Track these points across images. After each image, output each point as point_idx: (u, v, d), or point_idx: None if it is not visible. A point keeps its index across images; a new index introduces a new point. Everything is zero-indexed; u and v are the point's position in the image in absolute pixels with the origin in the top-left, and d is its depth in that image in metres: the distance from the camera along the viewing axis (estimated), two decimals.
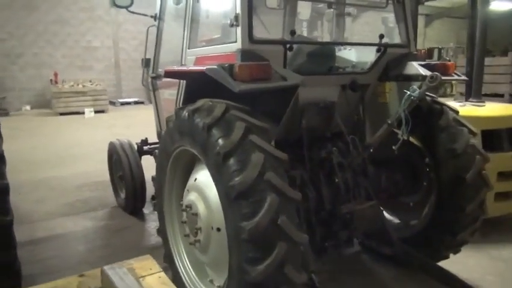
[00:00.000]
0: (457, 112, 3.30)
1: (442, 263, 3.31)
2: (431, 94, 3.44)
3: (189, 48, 3.19)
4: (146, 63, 4.19)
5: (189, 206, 2.64)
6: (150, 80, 4.20)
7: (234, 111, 2.33)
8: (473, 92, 4.90)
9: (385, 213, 3.76)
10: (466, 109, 4.50)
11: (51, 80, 15.32)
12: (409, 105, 2.71)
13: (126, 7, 3.68)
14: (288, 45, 2.63)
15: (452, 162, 3.06)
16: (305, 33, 4.06)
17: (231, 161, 2.13)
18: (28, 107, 15.59)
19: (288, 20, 4.22)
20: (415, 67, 3.10)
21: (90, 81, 15.35)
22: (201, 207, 2.55)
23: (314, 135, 3.06)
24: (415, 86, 2.72)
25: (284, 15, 4.27)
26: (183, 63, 3.23)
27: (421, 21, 23.34)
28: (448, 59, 19.44)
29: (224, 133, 2.21)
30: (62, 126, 12.04)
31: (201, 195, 2.57)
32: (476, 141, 3.12)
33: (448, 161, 3.08)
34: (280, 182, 2.10)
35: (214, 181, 2.28)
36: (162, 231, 3.12)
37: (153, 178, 3.21)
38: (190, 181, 2.74)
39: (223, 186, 2.15)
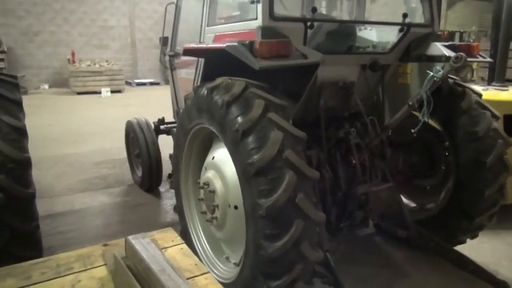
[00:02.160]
0: (480, 95, 3.22)
1: (458, 248, 3.29)
2: (453, 76, 3.36)
3: (208, 26, 3.17)
4: (164, 41, 4.17)
5: (207, 184, 2.66)
6: (167, 58, 4.19)
7: (253, 89, 2.32)
8: (496, 75, 4.76)
9: (402, 196, 3.74)
10: (488, 93, 4.39)
11: (68, 59, 15.43)
12: (431, 86, 2.65)
13: None
14: (308, 23, 2.58)
15: (473, 145, 3.00)
16: (325, 11, 3.97)
17: (250, 138, 2.13)
18: (46, 86, 15.79)
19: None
20: (439, 47, 3.02)
21: (107, 61, 15.42)
22: (218, 185, 2.57)
23: (332, 114, 3.04)
24: (438, 66, 2.65)
25: None
26: (201, 40, 3.21)
27: (442, 4, 22.67)
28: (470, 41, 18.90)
29: (243, 110, 2.21)
30: (79, 105, 12.18)
31: (219, 173, 2.59)
32: (497, 124, 3.05)
33: (469, 144, 3.03)
34: (298, 160, 2.10)
35: (232, 159, 2.29)
36: (178, 208, 3.17)
37: (170, 156, 3.24)
38: (208, 159, 2.75)
39: (242, 164, 2.16)
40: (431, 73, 2.62)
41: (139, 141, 4.80)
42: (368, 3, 3.83)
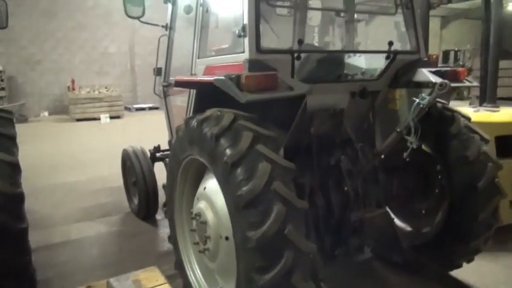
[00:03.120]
0: (469, 119, 3.26)
1: (455, 271, 3.27)
2: (442, 101, 3.41)
3: (198, 58, 3.24)
4: (158, 71, 4.26)
5: (199, 214, 2.67)
6: (161, 88, 4.27)
7: (241, 121, 2.35)
8: (488, 96, 4.82)
9: (397, 221, 3.74)
10: (480, 114, 4.44)
11: (68, 86, 15.64)
12: (418, 113, 2.69)
13: (139, 18, 3.75)
14: (295, 55, 2.64)
15: (464, 169, 3.02)
16: (315, 40, 4.07)
17: (239, 170, 2.15)
18: (46, 113, 15.95)
19: (298, 27, 4.24)
20: (425, 74, 3.08)
21: (106, 88, 15.61)
22: (209, 216, 2.58)
23: (323, 142, 3.07)
24: (423, 94, 2.70)
25: (294, 23, 4.29)
26: (193, 72, 3.28)
27: (436, 23, 23.03)
28: (461, 63, 19.09)
29: (231, 142, 2.24)
30: (78, 132, 12.27)
31: (210, 203, 2.60)
32: (488, 148, 3.07)
33: (460, 168, 3.05)
34: (287, 192, 2.12)
35: (222, 190, 2.31)
36: (173, 239, 3.16)
37: (163, 186, 3.26)
38: (200, 189, 2.77)
39: (231, 196, 2.17)
40: (417, 100, 2.67)
41: (135, 169, 4.83)
42: (359, 29, 3.92)
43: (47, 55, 15.98)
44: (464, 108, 4.91)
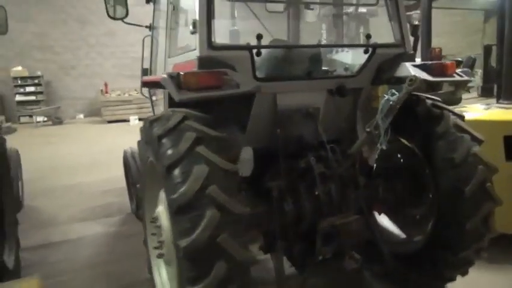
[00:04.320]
0: (461, 117, 2.97)
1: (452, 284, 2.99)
2: (433, 97, 3.14)
3: (169, 57, 3.17)
4: (144, 72, 4.24)
5: (156, 218, 2.59)
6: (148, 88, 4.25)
7: (189, 121, 2.25)
8: (503, 92, 4.41)
9: (390, 227, 3.49)
10: (490, 112, 4.06)
11: (101, 90, 16.21)
12: (388, 111, 2.46)
13: (122, 19, 3.74)
14: (254, 51, 2.51)
15: (451, 173, 2.75)
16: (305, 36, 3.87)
17: (175, 173, 2.05)
18: (81, 115, 16.65)
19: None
20: (407, 68, 2.83)
21: (136, 90, 16.01)
22: (164, 220, 2.50)
23: (294, 143, 2.90)
24: (393, 90, 2.47)
25: (288, 19, 4.14)
26: (165, 71, 3.22)
27: (480, 16, 21.78)
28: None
29: (172, 144, 2.14)
30: (107, 132, 12.68)
31: (165, 207, 2.52)
32: (479, 149, 2.77)
33: (446, 171, 2.77)
34: (223, 197, 1.98)
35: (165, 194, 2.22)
36: (144, 241, 3.11)
37: (136, 187, 3.22)
38: (160, 193, 2.69)
39: (167, 200, 2.07)
40: (386, 97, 2.44)
41: (132, 170, 4.85)
42: (340, 24, 3.69)
43: (81, 60, 16.68)
44: (475, 106, 4.53)
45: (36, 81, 16.09)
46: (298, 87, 2.83)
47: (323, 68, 3.11)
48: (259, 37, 2.51)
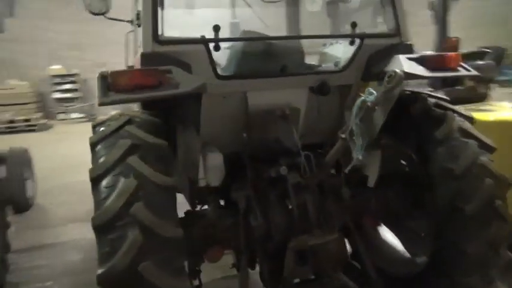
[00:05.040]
0: (469, 119, 2.49)
1: None
2: (438, 95, 2.68)
3: (136, 53, 2.92)
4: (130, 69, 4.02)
5: None
6: None
7: (130, 127, 1.98)
8: None
9: (393, 244, 3.06)
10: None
11: None
12: (365, 113, 2.05)
13: (103, 13, 3.52)
14: (211, 44, 2.18)
15: (451, 185, 2.29)
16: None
17: (100, 186, 1.78)
18: (113, 112, 16.95)
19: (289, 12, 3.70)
20: (400, 62, 2.39)
21: None
22: None
23: (267, 149, 2.56)
24: (371, 88, 2.05)
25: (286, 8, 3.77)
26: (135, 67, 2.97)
27: None
28: None
29: (105, 152, 1.88)
30: None
31: None
32: (487, 159, 2.28)
33: (446, 183, 2.31)
34: (149, 217, 1.69)
35: None
36: None
37: None
38: None
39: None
40: (362, 97, 2.03)
41: None
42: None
43: (111, 58, 16.97)
44: (503, 104, 3.94)
45: (73, 79, 16.56)
46: (270, 85, 2.48)
47: (305, 63, 2.72)
48: (216, 28, 2.19)
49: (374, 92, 2.01)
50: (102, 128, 2.05)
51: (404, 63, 2.36)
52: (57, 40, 16.28)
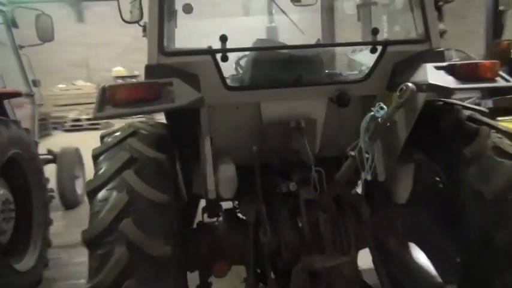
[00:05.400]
0: (509, 135, 2.20)
1: None
2: (474, 106, 2.41)
3: None
4: None
5: None
6: None
7: (132, 139, 1.99)
8: None
9: (427, 268, 2.81)
10: None
11: None
12: (375, 131, 1.87)
13: (137, 21, 3.60)
14: (218, 55, 2.13)
15: (481, 212, 2.03)
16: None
17: (95, 200, 1.80)
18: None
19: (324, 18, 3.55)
20: (425, 71, 2.17)
21: None
22: None
23: (280, 162, 2.46)
24: (382, 103, 1.87)
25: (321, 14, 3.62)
26: None
27: None
28: None
29: (104, 165, 1.91)
30: None
31: None
32: None
33: (475, 209, 2.07)
34: (137, 234, 1.67)
35: None
36: None
37: None
38: None
39: None
40: (372, 112, 1.86)
41: None
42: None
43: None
44: None
45: (133, 80, 17.47)
46: (285, 95, 2.37)
47: (325, 72, 2.57)
48: (223, 38, 2.13)
49: (385, 107, 1.83)
50: (109, 139, 2.08)
51: (430, 73, 2.13)
52: (122, 43, 17.19)
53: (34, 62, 5.27)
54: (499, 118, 3.25)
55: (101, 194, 1.79)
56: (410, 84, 1.75)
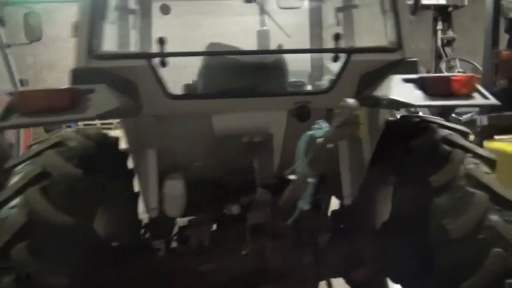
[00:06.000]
0: (489, 161, 1.89)
1: None
2: (454, 126, 2.11)
3: None
4: None
5: None
6: None
7: (52, 151, 1.80)
8: None
9: None
10: None
11: None
12: (315, 153, 1.60)
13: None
14: (156, 59, 1.92)
15: (448, 252, 1.74)
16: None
17: None
18: None
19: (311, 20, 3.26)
20: (390, 84, 1.89)
21: None
22: None
23: (230, 182, 2.22)
24: (322, 121, 1.60)
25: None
26: None
27: None
28: None
29: (14, 180, 1.71)
30: None
31: None
32: (499, 220, 1.68)
33: (442, 249, 1.77)
34: (29, 262, 1.47)
35: None
36: None
37: None
38: None
39: None
40: (312, 131, 1.59)
41: None
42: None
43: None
44: None
45: None
46: (236, 107, 2.12)
47: (288, 82, 2.31)
48: (161, 41, 1.91)
49: (325, 124, 1.57)
50: (32, 148, 1.90)
51: (395, 87, 1.85)
52: None
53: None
54: (497, 137, 2.89)
55: (2, 213, 1.60)
56: (350, 101, 1.49)
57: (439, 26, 4.78)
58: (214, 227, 2.36)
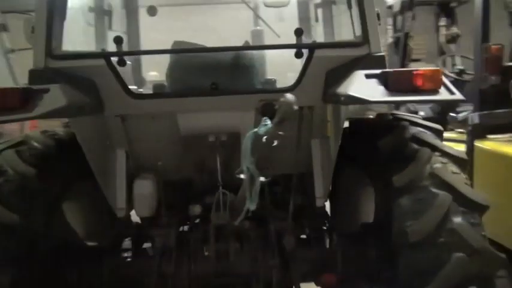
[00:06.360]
0: (458, 159, 1.78)
1: None
2: (427, 123, 2.01)
3: None
4: None
5: None
6: None
7: (10, 151, 1.82)
8: None
9: None
10: None
11: None
12: (261, 150, 1.54)
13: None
14: (114, 58, 1.90)
15: (408, 258, 1.64)
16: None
17: None
18: None
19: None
20: (352, 79, 1.80)
21: None
22: None
23: (196, 181, 2.18)
24: (267, 118, 1.54)
25: None
26: None
27: None
28: None
29: None
30: None
31: None
32: (463, 222, 1.57)
33: (403, 253, 1.67)
34: None
35: None
36: None
37: None
38: None
39: None
40: (255, 129, 1.53)
41: None
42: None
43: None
44: None
45: None
46: (200, 105, 2.08)
47: (256, 79, 2.24)
48: (118, 40, 1.88)
49: (269, 122, 1.50)
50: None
51: (356, 82, 1.77)
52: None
53: None
54: (491, 136, 2.74)
55: None
56: (288, 96, 1.42)
57: (442, 22, 4.60)
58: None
